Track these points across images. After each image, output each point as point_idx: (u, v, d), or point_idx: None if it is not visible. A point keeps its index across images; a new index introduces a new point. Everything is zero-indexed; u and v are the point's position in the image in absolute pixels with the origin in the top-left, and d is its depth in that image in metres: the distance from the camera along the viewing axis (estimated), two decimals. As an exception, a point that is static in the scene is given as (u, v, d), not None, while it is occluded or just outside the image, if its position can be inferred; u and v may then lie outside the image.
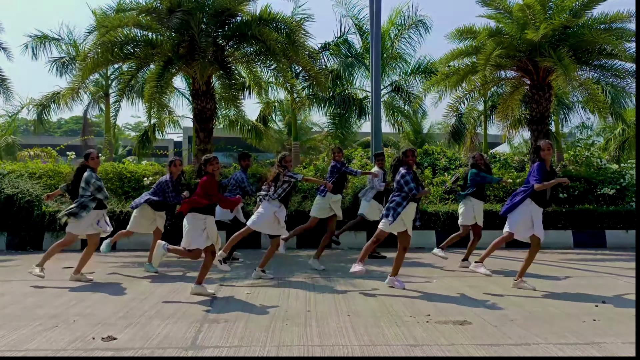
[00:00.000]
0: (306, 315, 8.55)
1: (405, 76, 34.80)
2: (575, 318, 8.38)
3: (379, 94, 20.66)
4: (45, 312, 8.66)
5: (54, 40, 33.35)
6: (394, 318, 8.32)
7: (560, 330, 7.66)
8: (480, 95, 27.25)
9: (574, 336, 7.37)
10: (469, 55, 22.64)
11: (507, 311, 8.81)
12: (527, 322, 8.14)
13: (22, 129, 62.19)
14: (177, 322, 8.06)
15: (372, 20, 20.14)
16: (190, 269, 12.98)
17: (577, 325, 7.94)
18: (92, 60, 19.30)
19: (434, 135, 47.20)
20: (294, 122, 37.48)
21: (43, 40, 33.03)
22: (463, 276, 12.30)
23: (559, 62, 19.49)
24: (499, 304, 9.33)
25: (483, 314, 8.62)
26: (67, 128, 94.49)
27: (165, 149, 28.33)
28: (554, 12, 20.97)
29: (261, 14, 20.09)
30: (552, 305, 9.23)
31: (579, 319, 8.30)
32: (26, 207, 17.11)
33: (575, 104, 36.98)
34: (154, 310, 8.80)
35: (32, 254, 15.85)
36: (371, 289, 10.73)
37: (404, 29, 33.61)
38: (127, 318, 8.33)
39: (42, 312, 8.70)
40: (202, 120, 20.60)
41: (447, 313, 8.67)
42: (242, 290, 10.50)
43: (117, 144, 55.38)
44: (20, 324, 7.94)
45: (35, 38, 32.69)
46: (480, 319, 8.25)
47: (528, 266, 10.84)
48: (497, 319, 8.26)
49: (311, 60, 21.39)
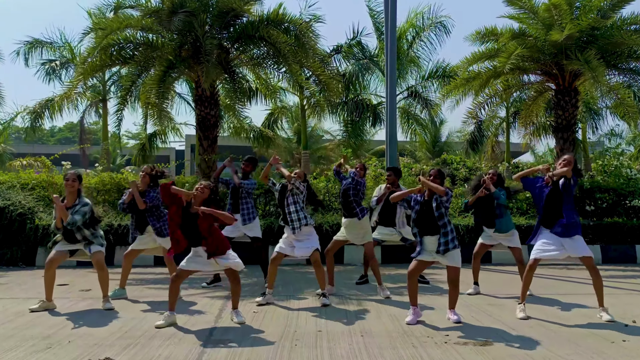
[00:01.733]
0: (317, 335, 8.55)
1: (422, 81, 34.65)
2: (603, 338, 8.35)
3: (394, 99, 20.63)
4: (39, 332, 8.66)
5: (46, 45, 33.36)
6: (410, 338, 8.31)
7: (587, 352, 7.64)
8: (502, 100, 27.19)
9: (601, 357, 7.34)
10: (490, 58, 22.56)
11: (530, 331, 8.78)
12: (552, 342, 8.12)
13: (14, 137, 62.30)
14: (179, 343, 8.05)
15: (387, 20, 20.07)
16: (190, 287, 12.98)
17: (605, 346, 7.91)
18: (90, 64, 19.31)
19: (452, 143, 47.10)
20: (303, 130, 37.35)
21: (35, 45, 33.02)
22: (483, 294, 12.27)
23: (587, 65, 19.42)
24: (522, 324, 9.29)
25: (505, 334, 8.60)
26: (61, 136, 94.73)
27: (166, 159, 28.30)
28: (581, 12, 20.93)
29: (269, 15, 20.10)
30: (578, 325, 9.19)
31: (607, 340, 8.27)
32: (18, 220, 17.10)
33: (603, 110, 36.82)
34: (154, 330, 8.80)
35: (24, 270, 15.90)
36: (386, 308, 10.72)
37: (423, 30, 33.43)
38: (126, 338, 8.33)
39: (35, 332, 8.70)
40: (205, 128, 20.60)
41: (467, 333, 8.65)
42: (248, 309, 10.48)
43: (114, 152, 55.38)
44: (11, 345, 7.94)
45: (26, 44, 32.68)
46: (502, 340, 8.23)
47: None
48: (520, 340, 8.24)
49: (322, 64, 21.34)
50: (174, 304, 9.23)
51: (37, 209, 17.62)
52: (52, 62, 33.93)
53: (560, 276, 14.87)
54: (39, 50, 33.19)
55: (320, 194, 19.06)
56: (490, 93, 24.45)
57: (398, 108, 30.89)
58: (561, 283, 13.84)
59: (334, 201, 19.19)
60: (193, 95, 22.93)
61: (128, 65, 21.44)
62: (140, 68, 20.75)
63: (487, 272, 15.44)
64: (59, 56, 34.24)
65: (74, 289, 12.81)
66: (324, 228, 17.22)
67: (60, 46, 33.82)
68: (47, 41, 33.25)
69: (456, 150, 41.62)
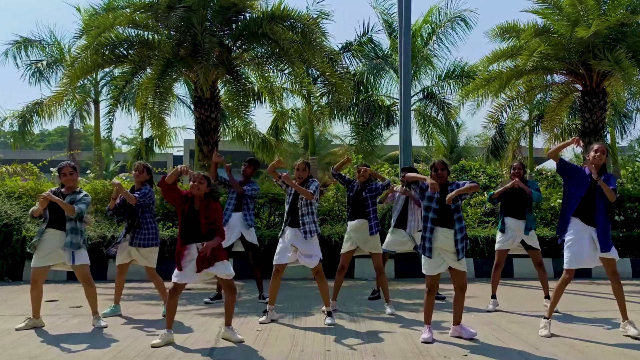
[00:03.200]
0: (325, 355, 8.53)
1: (438, 81, 34.57)
2: (626, 356, 8.36)
3: (408, 100, 20.59)
4: (26, 352, 8.66)
5: (35, 43, 33.32)
6: (425, 358, 8.30)
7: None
8: (525, 103, 27.18)
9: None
10: (512, 56, 22.54)
11: (555, 350, 8.77)
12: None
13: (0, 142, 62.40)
14: (178, 364, 8.05)
15: (400, 16, 20.04)
16: (188, 303, 12.98)
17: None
18: (80, 64, 19.28)
19: (470, 149, 47.05)
20: (311, 134, 37.30)
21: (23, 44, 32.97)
22: (504, 310, 12.25)
23: (617, 65, 19.36)
24: (546, 342, 9.28)
25: (527, 354, 8.58)
26: (51, 141, 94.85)
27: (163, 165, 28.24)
28: (609, 7, 20.86)
29: (273, 11, 20.06)
30: (606, 344, 9.15)
31: (631, 357, 8.26)
32: (4, 232, 17.09)
33: (634, 113, 36.76)
34: (150, 350, 8.77)
35: (11, 285, 15.90)
36: (399, 326, 10.70)
37: (440, 26, 33.22)
38: (120, 359, 8.32)
39: (22, 351, 8.70)
40: (205, 132, 20.59)
41: (486, 352, 8.63)
42: (251, 327, 10.48)
43: (107, 158, 55.38)
44: (-3, 365, 7.96)
45: (14, 43, 32.63)
46: (524, 359, 8.22)
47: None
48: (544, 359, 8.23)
49: (331, 63, 21.30)
50: (171, 321, 9.21)
51: (24, 219, 17.60)
52: (38, 63, 33.87)
53: (586, 291, 14.83)
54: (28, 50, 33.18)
55: (329, 203, 19.04)
56: (512, 95, 24.46)
57: (412, 110, 30.85)
58: (588, 299, 13.81)
59: (344, 210, 19.14)
60: (192, 97, 22.92)
61: (122, 65, 21.44)
62: (134, 68, 20.73)
63: (508, 287, 15.42)
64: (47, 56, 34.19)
65: (64, 305, 12.80)
66: (333, 240, 17.14)
67: (50, 44, 33.81)
68: (36, 40, 33.24)
69: (475, 155, 41.57)
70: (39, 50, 33.77)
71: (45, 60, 33.95)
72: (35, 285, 10.49)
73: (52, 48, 33.92)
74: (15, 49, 32.61)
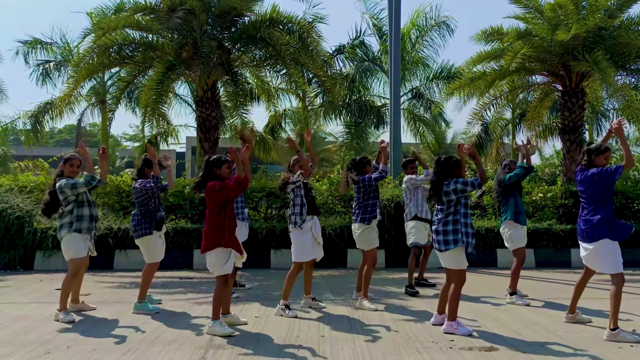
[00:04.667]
0: (319, 340, 8.55)
1: (426, 82, 34.73)
2: (612, 344, 8.35)
3: (398, 100, 20.61)
4: (37, 338, 8.67)
5: (46, 45, 33.22)
6: (414, 344, 8.31)
7: (595, 356, 7.62)
8: (508, 102, 27.20)
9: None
10: (496, 58, 22.56)
11: (537, 336, 8.80)
12: (560, 348, 8.10)
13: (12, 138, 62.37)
14: (180, 349, 8.04)
15: (390, 21, 20.12)
16: (190, 292, 12.96)
17: (614, 352, 7.90)
18: (87, 65, 19.25)
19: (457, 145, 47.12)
20: (306, 132, 37.36)
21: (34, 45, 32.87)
22: (491, 298, 12.24)
23: (596, 66, 19.38)
24: (530, 329, 9.31)
25: (512, 339, 8.61)
26: (60, 138, 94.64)
27: (166, 161, 28.24)
28: (588, 12, 20.89)
29: (270, 15, 20.03)
30: (586, 330, 9.21)
31: (615, 345, 8.28)
32: (16, 224, 17.08)
33: (610, 112, 36.78)
34: (154, 335, 8.81)
35: (23, 274, 15.87)
36: (390, 313, 10.71)
37: (426, 30, 33.54)
38: (126, 344, 8.33)
39: (33, 337, 8.71)
40: (206, 130, 20.57)
41: (472, 339, 8.64)
42: (250, 314, 10.49)
43: (113, 155, 55.38)
44: (9, 351, 7.93)
45: (25, 43, 32.54)
46: (508, 345, 8.22)
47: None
48: (526, 345, 8.24)
49: (324, 66, 21.30)
50: (227, 306, 9.39)
51: (35, 212, 17.58)
52: (47, 64, 33.74)
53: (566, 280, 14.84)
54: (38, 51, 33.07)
55: (323, 197, 18.99)
56: (495, 94, 24.46)
57: (402, 109, 30.89)
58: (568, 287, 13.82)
59: (337, 204, 19.12)
60: (194, 97, 22.92)
61: (127, 66, 21.42)
62: (138, 68, 20.75)
63: (492, 277, 15.43)
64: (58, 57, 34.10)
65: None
66: (327, 231, 17.05)
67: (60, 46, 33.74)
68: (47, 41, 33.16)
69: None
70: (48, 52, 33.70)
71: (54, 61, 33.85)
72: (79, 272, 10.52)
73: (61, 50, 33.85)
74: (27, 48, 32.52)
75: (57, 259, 16.41)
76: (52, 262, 16.74)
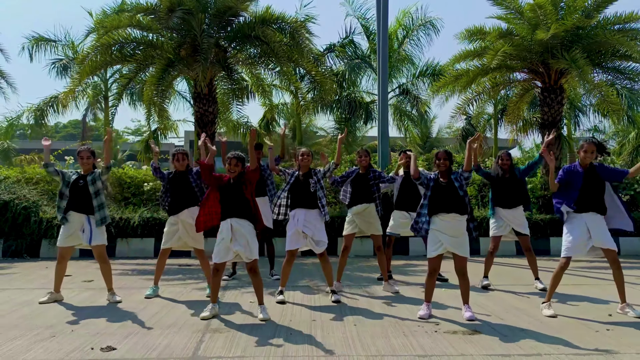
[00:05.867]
0: (311, 324, 8.55)
1: (413, 79, 34.81)
2: (588, 328, 8.35)
3: (386, 97, 20.61)
4: (43, 322, 8.65)
5: (50, 42, 33.18)
6: (401, 328, 8.31)
7: (573, 340, 7.63)
8: (490, 97, 27.20)
9: (586, 346, 7.34)
10: (479, 56, 22.62)
11: (519, 320, 8.80)
12: (539, 332, 8.11)
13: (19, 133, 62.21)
14: (178, 332, 8.04)
15: (379, 21, 20.14)
16: (188, 278, 12.94)
17: (591, 335, 7.91)
18: (90, 62, 19.31)
19: (442, 139, 47.18)
20: (298, 126, 37.51)
21: (39, 42, 32.84)
22: (473, 285, 12.26)
23: (574, 64, 19.48)
24: (510, 314, 9.32)
25: (494, 323, 8.61)
26: (66, 132, 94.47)
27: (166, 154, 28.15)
28: (566, 12, 20.96)
29: (264, 15, 20.07)
30: (565, 315, 9.20)
31: (591, 329, 8.27)
32: (23, 214, 17.07)
33: (587, 108, 36.85)
34: (154, 320, 8.80)
35: (29, 262, 15.87)
36: (378, 298, 10.75)
37: (412, 30, 33.66)
38: (127, 327, 8.32)
39: (39, 321, 8.69)
40: (204, 124, 20.56)
41: (456, 323, 8.66)
42: (245, 299, 10.53)
43: (115, 148, 55.36)
44: (16, 334, 7.93)
45: (32, 39, 32.50)
46: (490, 329, 8.22)
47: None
48: (508, 329, 8.24)
49: (316, 63, 21.32)
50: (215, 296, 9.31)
51: (41, 202, 17.61)
52: (62, 61, 33.76)
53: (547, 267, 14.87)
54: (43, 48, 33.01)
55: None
56: (478, 90, 24.51)
57: (390, 105, 30.90)
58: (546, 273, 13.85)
59: (328, 194, 19.07)
60: (192, 93, 22.91)
61: (128, 64, 21.42)
62: (139, 66, 20.78)
63: (478, 265, 15.45)
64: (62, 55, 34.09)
65: (77, 279, 12.80)
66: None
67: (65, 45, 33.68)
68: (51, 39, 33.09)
69: (446, 145, 41.60)
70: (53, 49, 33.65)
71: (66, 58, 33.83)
72: (61, 261, 10.50)
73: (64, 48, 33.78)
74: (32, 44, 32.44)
75: (62, 247, 16.52)
76: (57, 250, 16.71)
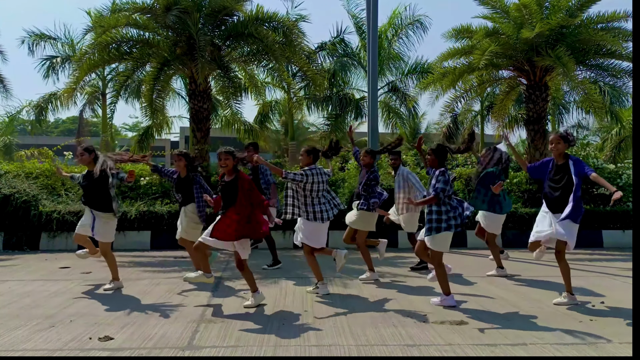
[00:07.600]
0: (303, 314, 8.56)
1: (402, 76, 34.89)
2: (572, 318, 8.38)
3: (375, 94, 20.61)
4: (42, 312, 8.64)
5: (50, 39, 33.14)
6: (391, 318, 8.32)
7: (557, 330, 7.65)
8: (477, 94, 27.18)
9: (571, 336, 7.36)
10: (466, 54, 22.60)
11: (504, 311, 8.82)
12: (524, 322, 8.13)
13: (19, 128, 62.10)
14: (174, 322, 8.04)
15: (368, 19, 20.12)
16: (185, 270, 12.93)
17: (574, 325, 7.93)
18: (88, 60, 19.31)
19: (430, 135, 47.20)
20: (290, 123, 37.63)
21: (40, 38, 32.80)
22: (461, 276, 12.28)
23: (558, 61, 19.51)
24: (496, 304, 9.34)
25: (480, 314, 8.63)
26: (64, 128, 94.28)
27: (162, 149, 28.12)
28: (550, 12, 20.98)
29: (257, 14, 20.11)
30: (549, 306, 9.23)
31: (575, 319, 8.29)
32: (23, 207, 17.03)
33: (570, 104, 36.93)
34: (150, 310, 8.80)
35: (29, 254, 15.82)
36: (368, 289, 10.76)
37: (401, 28, 33.71)
38: (124, 318, 8.31)
39: (39, 312, 8.68)
40: (199, 120, 20.58)
41: (444, 313, 8.66)
42: (239, 290, 10.52)
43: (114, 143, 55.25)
44: (17, 324, 7.92)
45: (32, 35, 32.48)
46: (477, 319, 8.24)
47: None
48: (494, 319, 8.26)
49: (308, 61, 21.36)
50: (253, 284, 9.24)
51: (40, 196, 17.58)
52: (53, 59, 33.67)
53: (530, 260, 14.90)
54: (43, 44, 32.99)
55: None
56: (465, 87, 24.48)
57: (379, 102, 30.91)
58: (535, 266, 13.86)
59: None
60: (187, 90, 22.91)
61: (125, 62, 21.39)
62: (136, 64, 20.80)
63: (462, 256, 15.48)
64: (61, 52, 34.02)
65: (76, 271, 12.74)
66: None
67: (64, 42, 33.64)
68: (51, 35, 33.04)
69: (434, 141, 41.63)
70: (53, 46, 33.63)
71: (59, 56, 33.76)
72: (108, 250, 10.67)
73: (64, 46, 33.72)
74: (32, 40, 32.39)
75: (61, 240, 16.70)
76: (56, 243, 16.75)
